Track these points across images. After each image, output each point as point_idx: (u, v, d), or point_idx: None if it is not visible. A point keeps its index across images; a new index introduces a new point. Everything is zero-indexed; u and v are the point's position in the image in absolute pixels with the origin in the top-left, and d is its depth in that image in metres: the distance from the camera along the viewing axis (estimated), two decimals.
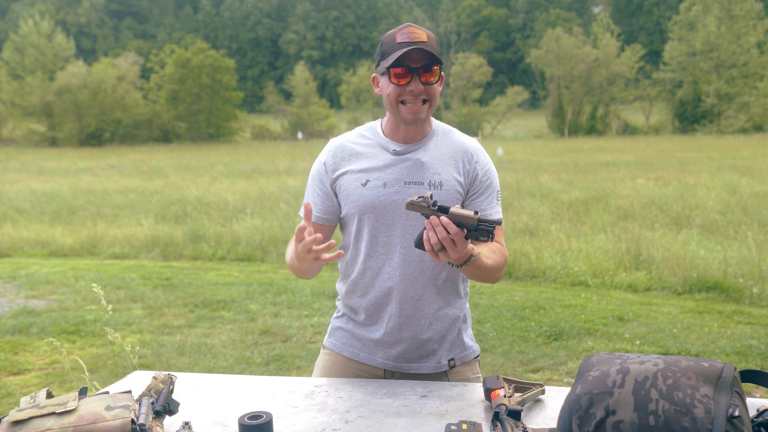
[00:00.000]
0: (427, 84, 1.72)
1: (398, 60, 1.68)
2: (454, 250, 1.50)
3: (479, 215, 1.49)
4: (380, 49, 1.76)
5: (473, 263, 1.62)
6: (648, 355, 1.28)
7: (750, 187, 12.32)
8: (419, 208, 1.52)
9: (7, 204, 12.74)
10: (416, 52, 1.68)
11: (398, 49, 1.68)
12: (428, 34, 1.73)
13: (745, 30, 44.64)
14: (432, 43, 1.71)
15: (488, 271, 1.72)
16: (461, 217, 1.49)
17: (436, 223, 1.49)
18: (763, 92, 40.65)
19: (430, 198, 1.52)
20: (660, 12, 75.22)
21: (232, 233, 9.04)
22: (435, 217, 1.49)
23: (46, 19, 50.31)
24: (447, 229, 1.48)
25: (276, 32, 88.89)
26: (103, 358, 4.79)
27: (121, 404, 1.36)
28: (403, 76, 1.70)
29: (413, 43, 1.68)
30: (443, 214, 1.50)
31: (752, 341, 4.73)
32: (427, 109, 1.75)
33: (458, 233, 1.49)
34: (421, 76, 1.70)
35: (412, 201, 1.53)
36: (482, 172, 1.84)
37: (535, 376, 4.24)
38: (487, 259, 1.69)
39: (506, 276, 6.99)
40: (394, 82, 1.72)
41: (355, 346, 1.91)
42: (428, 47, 1.69)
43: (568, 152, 26.19)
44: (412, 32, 1.70)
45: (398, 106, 1.74)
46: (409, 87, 1.71)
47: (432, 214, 1.51)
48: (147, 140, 44.77)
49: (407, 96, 1.72)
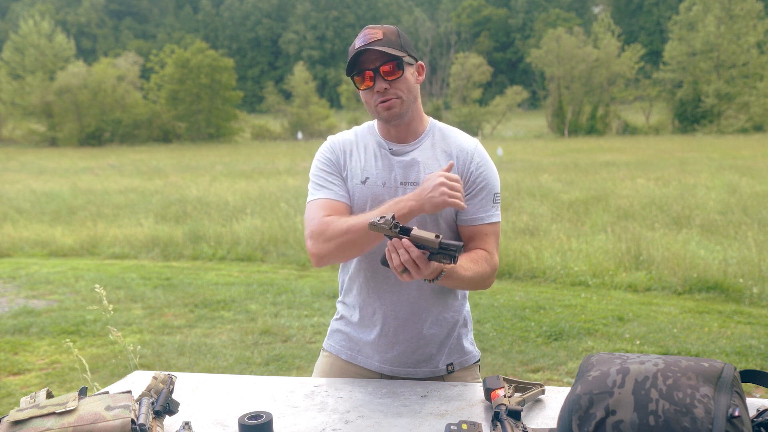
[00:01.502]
0: (394, 80, 1.70)
1: (355, 66, 1.70)
2: (418, 272, 1.49)
3: (441, 239, 1.46)
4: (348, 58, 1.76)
5: (447, 277, 1.60)
6: (648, 355, 1.28)
7: (750, 187, 12.32)
8: (381, 230, 1.49)
9: (7, 204, 12.75)
10: (372, 52, 1.68)
11: (354, 54, 1.70)
12: (385, 30, 1.71)
13: (745, 30, 44.63)
14: (390, 38, 1.70)
15: (468, 282, 1.68)
16: (422, 240, 1.46)
17: (397, 246, 1.47)
18: (763, 92, 40.65)
19: (392, 219, 1.49)
20: (660, 12, 75.24)
21: (232, 233, 9.04)
22: (397, 240, 1.47)
23: (46, 19, 50.33)
24: (408, 252, 1.47)
25: (276, 32, 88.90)
26: (103, 358, 4.79)
27: (121, 404, 1.36)
28: (366, 79, 1.71)
29: (367, 45, 1.68)
30: (405, 236, 1.47)
31: (752, 341, 4.73)
32: (400, 103, 1.73)
33: (420, 256, 1.46)
34: (382, 74, 1.69)
35: (374, 222, 1.50)
36: (477, 173, 1.79)
37: (535, 376, 4.24)
38: (464, 271, 1.65)
39: (506, 276, 6.99)
40: (361, 88, 1.74)
41: (352, 349, 1.90)
42: (383, 44, 1.67)
43: (568, 152, 26.19)
44: (368, 33, 1.70)
45: (374, 108, 1.75)
46: (375, 88, 1.71)
47: (394, 236, 1.48)
48: (147, 140, 44.78)
49: (376, 96, 1.72)
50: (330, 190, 1.79)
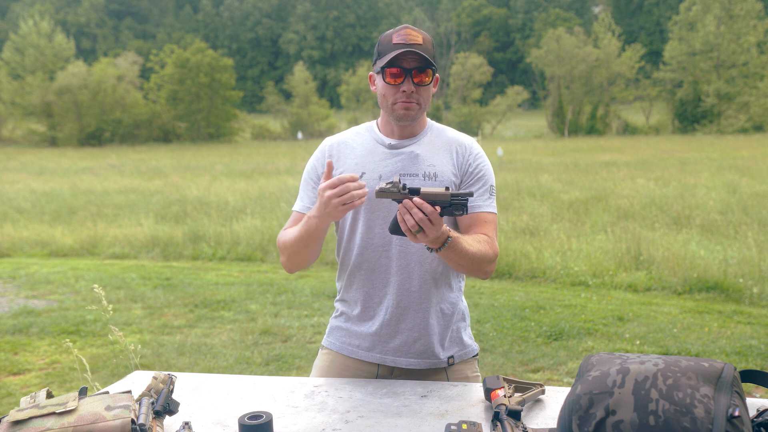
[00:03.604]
0: (420, 85, 1.77)
1: (393, 60, 1.74)
2: (432, 229, 1.52)
3: (450, 190, 1.51)
4: (377, 48, 1.81)
5: (452, 247, 1.62)
6: (648, 355, 1.28)
7: (750, 187, 12.32)
8: (390, 194, 1.53)
9: (7, 204, 12.75)
10: (411, 54, 1.73)
11: (394, 50, 1.73)
12: (424, 36, 1.77)
13: (745, 30, 44.61)
14: (427, 47, 1.76)
15: (471, 258, 1.70)
16: (433, 195, 1.51)
17: (410, 206, 1.50)
18: (763, 92, 40.64)
19: (399, 182, 1.52)
20: (660, 12, 75.22)
21: (232, 233, 9.04)
22: (408, 200, 1.51)
23: (46, 19, 50.30)
24: (422, 210, 1.50)
25: (276, 32, 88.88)
26: (103, 358, 4.79)
27: (121, 404, 1.36)
28: (397, 75, 1.76)
29: (408, 45, 1.73)
30: (415, 196, 1.51)
31: (752, 341, 4.73)
32: (418, 109, 1.80)
33: (433, 212, 1.50)
34: (414, 77, 1.75)
35: (382, 188, 1.53)
36: (475, 164, 1.86)
37: (535, 376, 4.24)
38: (468, 246, 1.68)
39: (506, 276, 6.99)
40: (389, 82, 1.77)
41: (352, 344, 1.92)
42: (423, 50, 1.74)
43: (568, 152, 26.19)
44: (409, 34, 1.75)
45: (391, 104, 1.80)
46: (402, 87, 1.76)
47: (404, 197, 1.52)
48: (147, 140, 44.78)
49: (400, 95, 1.77)
50: (302, 202, 1.91)
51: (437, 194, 1.51)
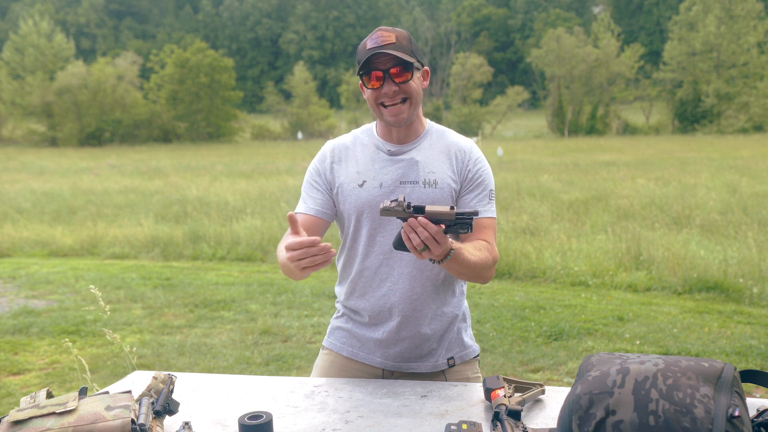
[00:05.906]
0: (402, 83, 1.74)
1: (368, 65, 1.73)
2: (437, 248, 1.51)
3: (455, 210, 1.50)
4: (357, 57, 1.80)
5: (454, 258, 1.62)
6: (648, 355, 1.28)
7: (750, 187, 12.32)
8: (394, 213, 1.51)
9: (7, 204, 12.75)
10: (383, 55, 1.71)
11: (367, 55, 1.72)
12: (398, 34, 1.75)
13: (745, 30, 44.60)
14: (402, 43, 1.74)
15: (472, 267, 1.70)
16: (438, 215, 1.50)
17: (415, 225, 1.49)
18: (763, 92, 40.64)
19: (404, 200, 1.51)
20: (660, 12, 75.19)
21: (232, 233, 9.04)
22: (413, 219, 1.49)
23: (46, 19, 50.29)
24: (427, 229, 1.49)
25: (276, 32, 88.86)
26: (103, 358, 4.79)
27: (121, 404, 1.36)
28: (376, 80, 1.75)
29: (381, 47, 1.71)
30: (420, 215, 1.50)
31: (752, 341, 4.73)
32: (408, 107, 1.78)
33: (438, 231, 1.49)
34: (394, 76, 1.73)
35: (386, 207, 1.51)
36: (474, 170, 1.85)
37: (535, 376, 4.24)
38: (470, 255, 1.68)
39: (506, 276, 6.99)
40: (369, 87, 1.77)
41: (354, 346, 1.92)
42: (396, 48, 1.72)
43: (568, 152, 26.19)
44: (380, 36, 1.74)
45: (380, 110, 1.79)
46: (383, 90, 1.75)
47: (409, 216, 1.50)
48: (147, 140, 44.77)
49: (384, 99, 1.76)
50: (305, 203, 1.88)
51: (442, 213, 1.49)
